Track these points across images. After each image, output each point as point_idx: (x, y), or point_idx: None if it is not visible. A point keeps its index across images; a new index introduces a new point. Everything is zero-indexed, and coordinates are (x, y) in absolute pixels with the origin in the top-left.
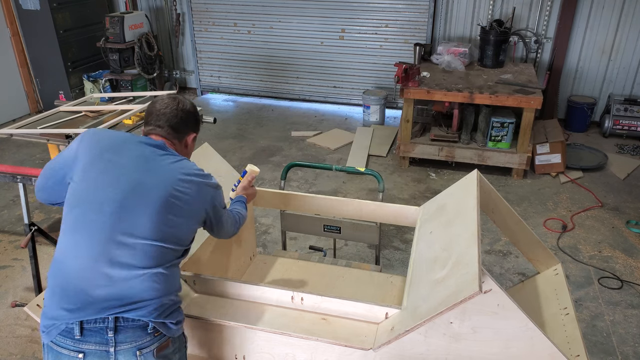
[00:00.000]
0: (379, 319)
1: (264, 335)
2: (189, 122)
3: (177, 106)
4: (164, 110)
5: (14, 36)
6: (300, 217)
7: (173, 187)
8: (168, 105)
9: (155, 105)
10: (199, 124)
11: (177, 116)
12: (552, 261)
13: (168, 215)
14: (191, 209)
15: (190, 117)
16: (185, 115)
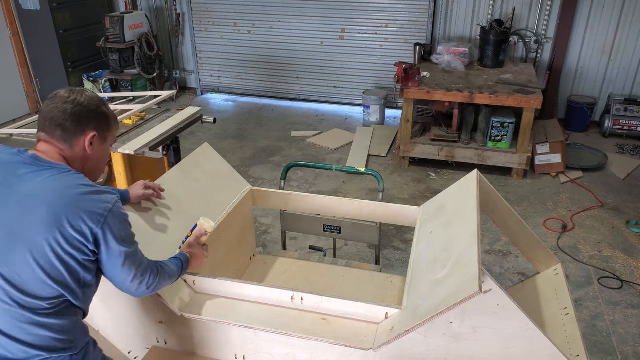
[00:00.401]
0: (379, 319)
1: (264, 335)
2: (82, 117)
3: (65, 100)
4: (50, 107)
5: (14, 36)
6: (300, 217)
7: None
8: (55, 101)
9: (45, 103)
10: (104, 119)
11: (65, 112)
12: (552, 261)
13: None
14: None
15: (84, 112)
16: (77, 110)
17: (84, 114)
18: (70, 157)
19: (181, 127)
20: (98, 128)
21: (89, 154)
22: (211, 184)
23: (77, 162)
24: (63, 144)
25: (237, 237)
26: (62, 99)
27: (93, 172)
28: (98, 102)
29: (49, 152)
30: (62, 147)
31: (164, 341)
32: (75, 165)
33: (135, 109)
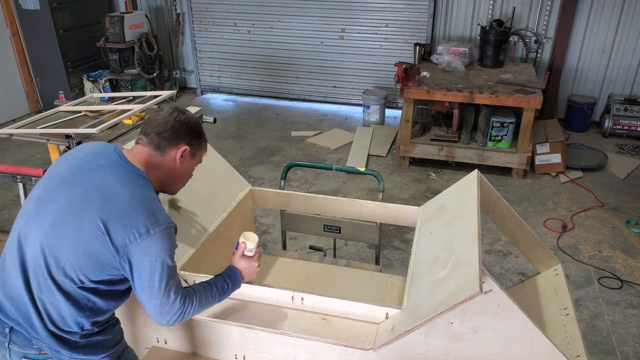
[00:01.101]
0: (379, 319)
1: (264, 335)
2: (180, 132)
3: (171, 114)
4: (157, 117)
5: (14, 36)
6: (300, 217)
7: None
8: (163, 113)
9: (153, 113)
10: (198, 138)
11: (167, 123)
12: (552, 261)
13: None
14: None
15: (183, 127)
16: (178, 124)
17: (183, 129)
18: (156, 163)
19: None
20: (191, 144)
21: (177, 165)
22: (211, 184)
23: (161, 170)
24: (156, 150)
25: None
26: (168, 113)
27: (175, 183)
28: (197, 123)
29: (137, 152)
30: (154, 153)
31: (164, 341)
32: (158, 173)
33: (135, 109)
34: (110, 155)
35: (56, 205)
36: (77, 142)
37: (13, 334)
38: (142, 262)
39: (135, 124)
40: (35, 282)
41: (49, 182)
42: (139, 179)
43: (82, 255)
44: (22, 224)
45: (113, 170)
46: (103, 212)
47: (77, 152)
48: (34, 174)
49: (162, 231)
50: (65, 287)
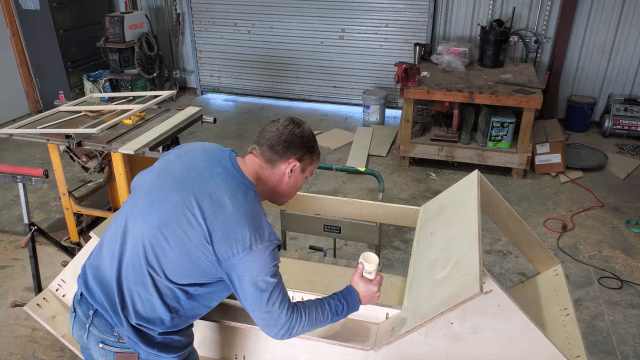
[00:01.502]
0: (380, 319)
1: (264, 335)
2: (292, 146)
3: (286, 127)
4: (271, 127)
5: (14, 36)
6: (300, 217)
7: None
8: (278, 125)
9: (269, 124)
10: (310, 153)
11: (281, 136)
12: (552, 262)
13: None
14: (186, 239)
15: (296, 141)
16: (291, 138)
17: (296, 143)
18: (266, 176)
19: (181, 127)
20: (302, 159)
21: (285, 180)
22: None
23: (270, 183)
24: (267, 163)
25: None
26: (284, 125)
27: (282, 197)
28: (311, 137)
29: (250, 163)
30: (265, 165)
31: None
32: (266, 186)
33: (135, 109)
34: (226, 163)
35: (167, 205)
36: (77, 142)
37: (96, 317)
38: (244, 277)
39: (135, 124)
40: (129, 273)
41: (163, 179)
42: (248, 192)
43: (184, 259)
44: (131, 214)
45: (225, 180)
46: (210, 221)
47: (193, 153)
48: (34, 174)
49: (265, 248)
50: (159, 285)
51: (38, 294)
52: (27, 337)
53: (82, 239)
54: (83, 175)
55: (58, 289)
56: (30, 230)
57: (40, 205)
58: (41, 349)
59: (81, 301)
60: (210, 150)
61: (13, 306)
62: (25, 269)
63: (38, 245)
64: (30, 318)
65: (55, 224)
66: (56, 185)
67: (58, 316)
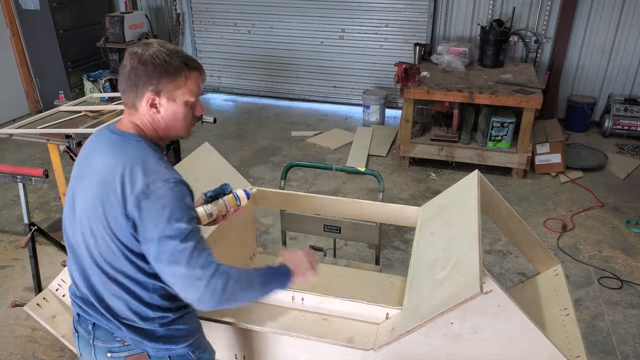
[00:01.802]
0: (380, 319)
1: (264, 335)
2: (139, 78)
3: (130, 58)
4: (120, 67)
5: (14, 36)
6: (300, 217)
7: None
8: (124, 62)
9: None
10: (168, 76)
11: (124, 74)
12: (552, 262)
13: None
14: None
15: (140, 72)
16: (133, 71)
17: (140, 73)
18: (140, 121)
19: None
20: (159, 88)
21: (157, 116)
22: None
23: (147, 126)
24: (131, 108)
25: (237, 237)
26: (128, 56)
27: (170, 134)
28: (160, 56)
29: (123, 119)
30: (132, 112)
31: None
32: (147, 130)
33: None
34: (105, 135)
35: (80, 204)
36: (77, 142)
37: (96, 329)
38: (150, 229)
39: None
40: (94, 278)
41: (70, 186)
42: (129, 144)
43: (109, 239)
44: (67, 226)
45: (105, 149)
46: (104, 190)
47: (87, 147)
48: (34, 174)
49: (162, 187)
50: (116, 278)
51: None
52: (27, 337)
53: None
54: None
55: (58, 289)
56: (30, 230)
57: (40, 205)
58: (41, 349)
59: (79, 321)
60: (95, 136)
61: (13, 306)
62: (25, 269)
63: (38, 245)
64: (30, 318)
65: (55, 224)
66: (56, 185)
67: (58, 316)
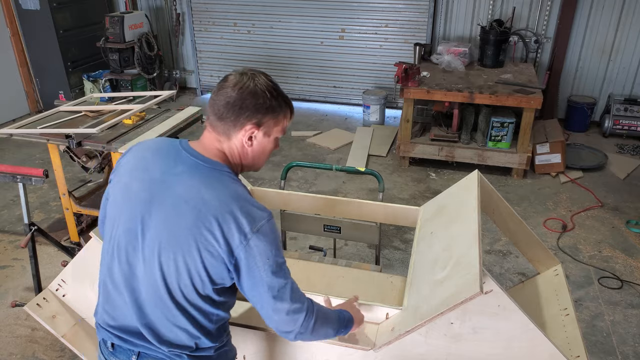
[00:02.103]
0: (380, 319)
1: (264, 335)
2: (243, 109)
3: (233, 87)
4: (219, 92)
5: (14, 36)
6: (300, 217)
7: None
8: (226, 86)
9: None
10: (271, 112)
11: (228, 102)
12: (552, 262)
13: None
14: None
15: (247, 103)
16: (240, 101)
17: (247, 105)
18: (228, 150)
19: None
20: (261, 122)
21: (248, 149)
22: None
23: (235, 156)
24: (222, 136)
25: None
26: (231, 86)
27: (253, 165)
28: (268, 92)
29: (208, 142)
30: (222, 139)
31: None
32: (234, 159)
33: (135, 109)
34: (184, 157)
35: (160, 232)
36: (77, 142)
37: (142, 359)
38: (255, 265)
39: (135, 124)
40: (154, 309)
41: (131, 207)
42: (222, 175)
43: (196, 274)
44: (125, 252)
45: (191, 175)
46: (199, 227)
47: (146, 163)
48: (34, 174)
49: (262, 227)
50: (187, 309)
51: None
52: (27, 337)
53: (82, 239)
54: (83, 175)
55: (58, 289)
56: (30, 230)
57: (40, 205)
58: (41, 349)
59: (115, 352)
60: (162, 152)
61: (13, 306)
62: (25, 269)
63: (38, 245)
64: (30, 318)
65: (55, 224)
66: (56, 185)
67: (58, 316)
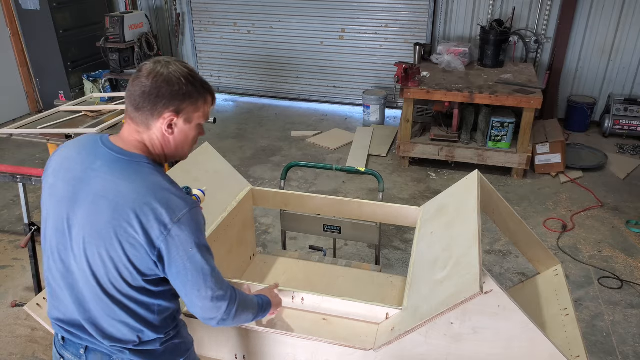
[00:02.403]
0: (380, 319)
1: (264, 335)
2: (160, 98)
3: (148, 76)
4: (134, 83)
5: (14, 36)
6: (300, 217)
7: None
8: (140, 77)
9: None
10: (189, 99)
11: (144, 92)
12: (552, 262)
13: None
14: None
15: (163, 91)
16: (155, 90)
17: (163, 93)
18: (149, 140)
19: None
20: (180, 109)
21: (170, 138)
22: (211, 184)
23: (157, 146)
24: (141, 126)
25: (237, 237)
26: (145, 74)
27: (178, 154)
28: (183, 78)
29: (127, 135)
30: (142, 129)
31: None
32: (156, 150)
33: None
34: (102, 152)
35: (83, 229)
36: None
37: (89, 353)
38: (178, 255)
39: None
40: (93, 304)
41: (57, 207)
42: (141, 167)
43: (123, 267)
44: (57, 251)
45: (110, 169)
46: (119, 221)
47: (69, 163)
48: (34, 174)
49: (184, 217)
50: (123, 302)
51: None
52: (27, 337)
53: None
54: None
55: None
56: (30, 230)
57: (40, 205)
58: (41, 349)
59: (66, 345)
60: (82, 149)
61: (13, 306)
62: (25, 269)
63: (38, 245)
64: (30, 318)
65: None
66: None
67: None
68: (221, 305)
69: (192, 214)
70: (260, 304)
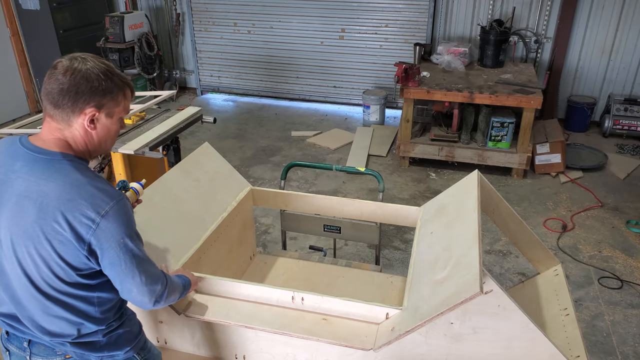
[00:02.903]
0: (380, 319)
1: (264, 335)
2: (80, 94)
3: (64, 74)
4: (50, 80)
5: (14, 36)
6: (300, 217)
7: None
8: (55, 74)
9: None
10: (109, 94)
11: (62, 89)
12: (552, 262)
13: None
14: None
15: (82, 88)
16: (74, 87)
17: (83, 90)
18: (71, 137)
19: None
20: (100, 104)
21: (92, 133)
22: (211, 184)
23: (79, 143)
24: (61, 123)
25: (237, 237)
26: (62, 70)
27: (101, 148)
28: (102, 74)
29: (47, 134)
30: (62, 126)
31: (164, 341)
32: (78, 147)
33: (135, 109)
34: (21, 153)
35: (10, 230)
36: None
37: (33, 346)
38: (109, 247)
39: (135, 124)
40: (28, 302)
41: None
42: (62, 165)
43: (54, 264)
44: None
45: (30, 170)
46: (45, 219)
47: None
48: None
49: (110, 210)
50: (59, 298)
51: None
52: None
53: None
54: None
55: None
56: None
57: None
58: None
59: (10, 339)
60: (4, 150)
61: None
62: None
63: None
64: None
65: None
66: None
67: None
68: (155, 287)
69: (120, 206)
70: (184, 284)
